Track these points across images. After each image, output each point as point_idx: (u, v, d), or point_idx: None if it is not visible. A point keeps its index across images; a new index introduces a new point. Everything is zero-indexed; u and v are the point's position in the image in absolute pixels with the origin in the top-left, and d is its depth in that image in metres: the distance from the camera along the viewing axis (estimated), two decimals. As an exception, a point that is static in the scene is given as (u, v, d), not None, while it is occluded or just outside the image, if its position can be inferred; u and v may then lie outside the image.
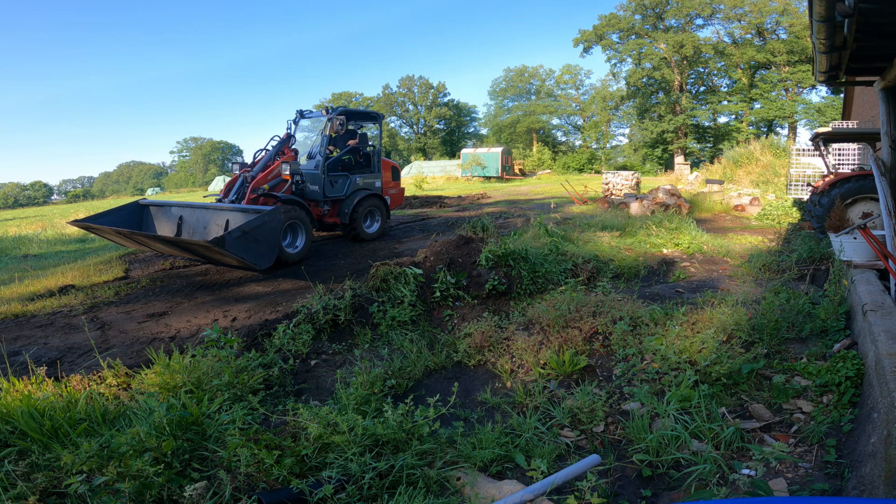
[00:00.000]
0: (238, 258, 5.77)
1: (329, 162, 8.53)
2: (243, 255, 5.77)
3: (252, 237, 5.86)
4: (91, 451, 2.59)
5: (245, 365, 3.79)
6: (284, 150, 8.20)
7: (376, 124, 9.83)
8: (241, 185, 7.74)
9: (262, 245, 5.98)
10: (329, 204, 8.63)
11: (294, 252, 7.46)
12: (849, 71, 4.71)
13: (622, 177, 17.49)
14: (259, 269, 6.27)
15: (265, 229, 6.01)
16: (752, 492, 2.40)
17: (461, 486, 2.66)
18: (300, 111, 9.23)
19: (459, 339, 4.71)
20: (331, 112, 8.60)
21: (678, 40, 40.70)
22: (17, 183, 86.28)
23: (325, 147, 8.45)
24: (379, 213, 9.20)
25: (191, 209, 7.54)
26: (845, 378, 3.25)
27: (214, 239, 5.55)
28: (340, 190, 8.70)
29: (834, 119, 26.51)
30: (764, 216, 12.40)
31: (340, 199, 8.71)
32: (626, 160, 50.05)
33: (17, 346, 4.48)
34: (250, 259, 5.86)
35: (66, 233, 14.01)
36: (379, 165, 9.43)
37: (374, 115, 9.84)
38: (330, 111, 8.65)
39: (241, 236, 5.76)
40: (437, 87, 61.71)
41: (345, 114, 8.70)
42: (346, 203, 8.63)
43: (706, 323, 4.29)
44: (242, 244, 5.76)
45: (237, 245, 5.72)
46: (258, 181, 7.59)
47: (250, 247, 5.85)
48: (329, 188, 8.50)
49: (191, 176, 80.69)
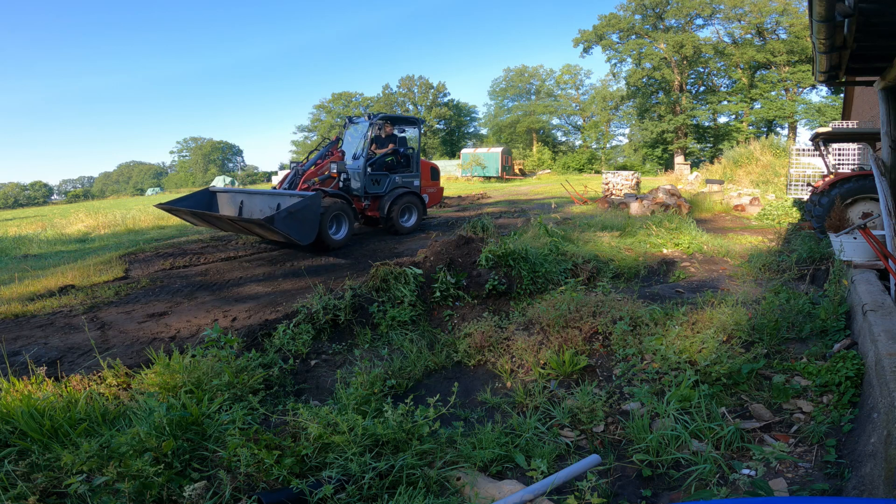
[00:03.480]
0: (284, 234, 6.88)
1: (370, 162, 9.48)
2: (289, 231, 6.91)
3: (297, 217, 7.01)
4: (91, 451, 2.59)
5: (245, 365, 3.79)
6: (333, 151, 9.34)
7: (416, 129, 10.74)
8: (293, 178, 8.87)
9: (304, 224, 7.15)
10: (370, 199, 9.55)
11: (337, 238, 8.39)
12: (849, 71, 4.71)
13: (622, 177, 17.50)
14: (301, 245, 7.43)
15: (307, 211, 7.16)
16: (752, 492, 2.39)
17: (461, 486, 2.66)
18: (349, 117, 10.45)
19: (459, 339, 4.71)
20: (372, 118, 9.60)
21: (678, 40, 40.69)
22: (17, 183, 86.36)
23: (367, 149, 9.43)
24: (415, 208, 9.97)
25: (249, 195, 8.76)
26: (845, 378, 3.25)
27: (266, 217, 6.80)
28: (381, 187, 9.59)
29: (834, 119, 26.50)
30: (764, 216, 12.40)
31: (381, 195, 9.57)
32: (626, 160, 50.05)
33: (17, 346, 4.48)
34: (295, 235, 7.00)
35: (66, 233, 14.01)
36: (417, 166, 10.28)
37: (413, 120, 10.75)
38: (372, 117, 9.61)
39: (287, 216, 6.89)
40: (437, 87, 61.71)
41: (386, 119, 9.85)
42: (385, 199, 9.48)
43: (706, 323, 4.29)
44: (288, 223, 6.90)
45: (284, 223, 6.86)
46: (309, 175, 8.77)
47: (295, 225, 7.00)
48: (370, 185, 9.46)
49: (191, 176, 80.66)
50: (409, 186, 9.94)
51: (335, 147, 9.48)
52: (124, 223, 14.74)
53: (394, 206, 9.45)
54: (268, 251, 8.91)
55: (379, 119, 9.64)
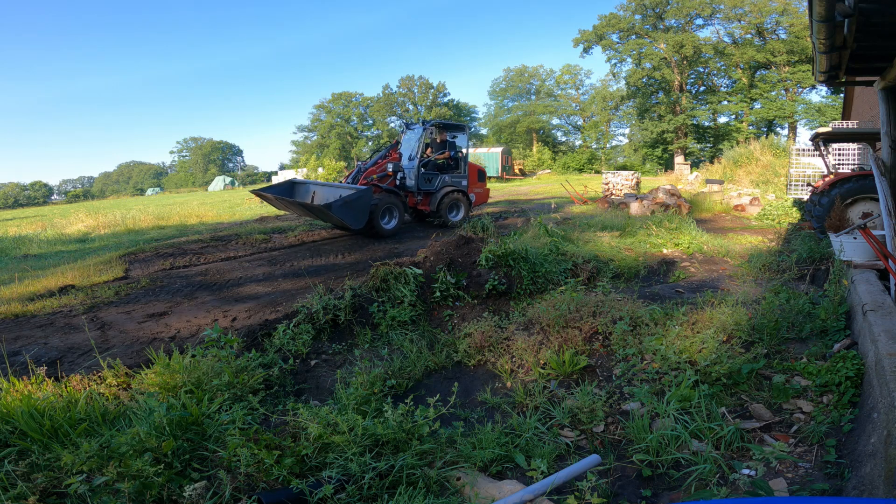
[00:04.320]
0: (340, 219, 8.49)
1: (423, 163, 10.70)
2: (343, 217, 8.43)
3: (350, 206, 8.49)
4: (91, 451, 2.59)
5: (245, 365, 3.78)
6: (392, 153, 10.89)
7: (464, 134, 11.93)
8: (356, 174, 10.36)
9: (356, 212, 8.62)
10: (422, 195, 10.75)
11: (388, 228, 9.70)
12: (849, 71, 4.70)
13: (622, 177, 17.51)
14: (353, 230, 9.02)
15: (359, 202, 8.62)
16: (752, 492, 2.39)
17: (461, 486, 2.66)
18: (406, 123, 11.73)
19: (459, 339, 4.71)
20: (426, 124, 10.85)
21: (678, 40, 40.70)
22: (17, 183, 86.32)
23: (421, 151, 10.62)
24: (462, 205, 11.15)
25: (320, 186, 10.32)
26: (845, 378, 3.25)
27: (326, 204, 8.42)
28: (432, 185, 10.80)
29: (834, 119, 26.50)
30: (764, 216, 12.40)
31: (432, 192, 10.77)
32: (626, 160, 50.05)
33: (17, 346, 4.48)
34: (348, 220, 8.55)
35: (66, 233, 14.01)
36: (465, 168, 11.46)
37: (461, 126, 11.99)
38: (425, 123, 10.87)
39: (343, 204, 8.39)
40: (437, 87, 61.74)
41: (437, 125, 11.10)
42: (435, 196, 10.69)
43: (706, 323, 4.29)
44: (344, 210, 8.41)
45: (340, 210, 8.37)
46: (369, 173, 10.20)
47: (349, 212, 8.50)
48: (423, 183, 10.67)
49: (191, 176, 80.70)
50: (457, 186, 11.07)
51: (394, 149, 10.95)
52: (124, 223, 14.75)
53: (443, 202, 10.64)
54: (268, 251, 8.92)
55: (431, 125, 10.87)
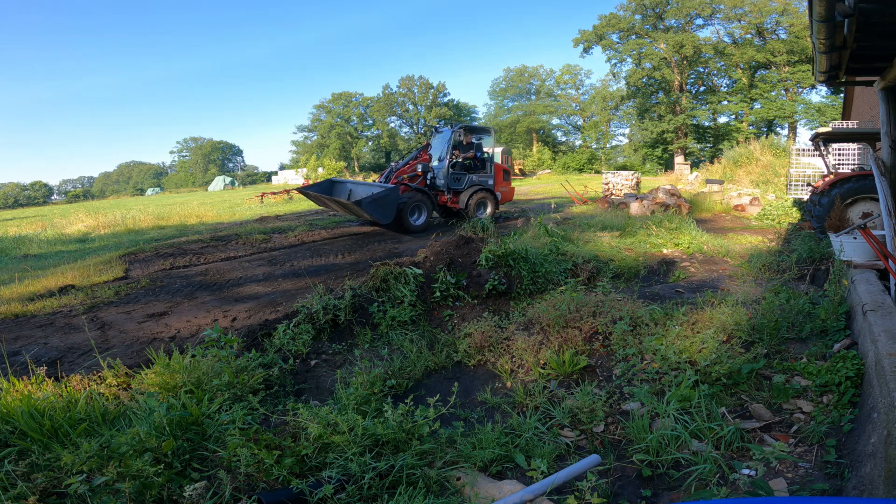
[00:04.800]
0: (370, 214, 9.33)
1: (451, 163, 11.44)
2: (373, 212, 9.30)
3: (379, 202, 9.36)
4: (91, 451, 2.59)
5: (245, 365, 3.78)
6: (421, 154, 11.59)
7: (490, 136, 12.69)
8: (389, 174, 11.20)
9: (384, 208, 9.45)
10: (452, 194, 11.49)
11: (417, 224, 10.47)
12: (849, 71, 4.70)
13: (622, 177, 17.51)
14: (382, 224, 9.92)
15: (387, 199, 9.48)
16: (752, 492, 2.39)
17: (461, 486, 2.66)
18: (435, 127, 12.56)
19: (459, 339, 4.71)
20: (454, 127, 11.65)
21: (678, 40, 40.67)
22: (17, 183, 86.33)
23: (449, 152, 11.38)
24: (489, 203, 11.77)
25: (356, 185, 11.29)
26: (845, 378, 3.25)
27: (356, 200, 9.34)
28: (460, 184, 11.50)
29: (834, 119, 26.50)
30: (764, 216, 12.40)
31: (460, 191, 11.48)
32: (626, 160, 50.03)
33: (17, 346, 4.48)
34: (376, 216, 9.39)
35: (66, 233, 14.01)
36: (492, 168, 12.10)
37: (487, 129, 12.78)
38: (453, 126, 11.69)
39: (372, 201, 9.29)
40: (437, 87, 61.70)
41: (464, 128, 11.85)
42: (463, 194, 11.41)
43: (706, 323, 4.29)
44: (373, 206, 9.29)
45: (370, 206, 9.24)
46: (399, 173, 10.96)
47: (377, 208, 9.34)
48: (452, 182, 11.41)
49: (191, 176, 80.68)
50: (483, 185, 11.75)
51: (424, 151, 11.69)
52: (124, 223, 14.75)
53: (471, 200, 11.31)
54: (268, 251, 8.92)
55: (459, 128, 11.64)
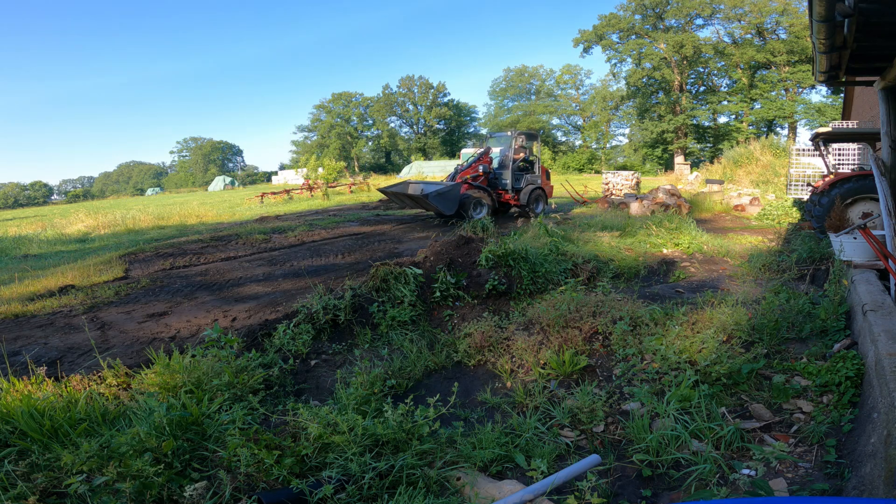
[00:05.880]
0: (435, 207, 11.16)
1: (512, 164, 13.02)
2: (437, 204, 11.06)
3: (443, 196, 11.13)
4: (91, 451, 2.59)
5: (245, 365, 3.78)
6: (483, 157, 12.87)
7: (538, 140, 14.33)
8: (454, 174, 12.56)
9: (447, 201, 11.23)
10: (513, 192, 12.93)
11: (477, 217, 11.56)
12: (849, 71, 4.70)
13: (622, 177, 17.52)
14: (446, 215, 11.48)
15: (449, 194, 11.26)
16: (752, 492, 2.39)
17: (461, 486, 2.66)
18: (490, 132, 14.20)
19: (459, 339, 4.71)
20: (512, 132, 13.26)
21: (678, 40, 40.69)
22: (17, 183, 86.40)
23: (514, 156, 12.95)
24: (542, 199, 13.36)
25: (427, 183, 12.74)
26: (845, 378, 3.25)
27: (425, 193, 11.13)
28: (519, 183, 13.02)
29: (834, 119, 26.50)
30: (764, 216, 12.40)
31: (519, 189, 12.97)
32: (626, 160, 50.06)
33: (17, 346, 4.48)
34: (441, 207, 11.14)
35: (66, 233, 14.02)
36: (539, 169, 13.59)
37: (535, 134, 14.47)
38: (512, 131, 13.34)
39: (437, 195, 11.04)
40: (437, 87, 61.73)
41: (522, 134, 13.42)
42: (523, 192, 12.91)
43: (706, 323, 4.29)
44: (438, 199, 11.05)
45: (435, 199, 11.00)
46: (463, 173, 12.35)
47: (441, 201, 11.11)
48: (514, 182, 12.92)
49: (191, 176, 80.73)
50: (535, 183, 13.19)
51: (486, 154, 12.96)
52: (124, 223, 14.76)
53: (529, 197, 12.82)
54: (268, 251, 8.92)
55: (518, 134, 13.20)
